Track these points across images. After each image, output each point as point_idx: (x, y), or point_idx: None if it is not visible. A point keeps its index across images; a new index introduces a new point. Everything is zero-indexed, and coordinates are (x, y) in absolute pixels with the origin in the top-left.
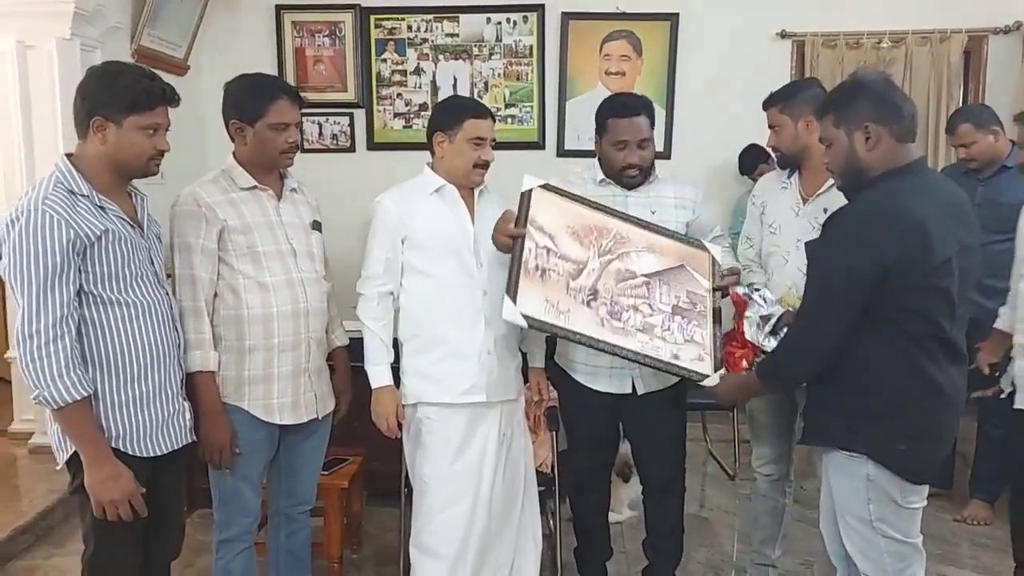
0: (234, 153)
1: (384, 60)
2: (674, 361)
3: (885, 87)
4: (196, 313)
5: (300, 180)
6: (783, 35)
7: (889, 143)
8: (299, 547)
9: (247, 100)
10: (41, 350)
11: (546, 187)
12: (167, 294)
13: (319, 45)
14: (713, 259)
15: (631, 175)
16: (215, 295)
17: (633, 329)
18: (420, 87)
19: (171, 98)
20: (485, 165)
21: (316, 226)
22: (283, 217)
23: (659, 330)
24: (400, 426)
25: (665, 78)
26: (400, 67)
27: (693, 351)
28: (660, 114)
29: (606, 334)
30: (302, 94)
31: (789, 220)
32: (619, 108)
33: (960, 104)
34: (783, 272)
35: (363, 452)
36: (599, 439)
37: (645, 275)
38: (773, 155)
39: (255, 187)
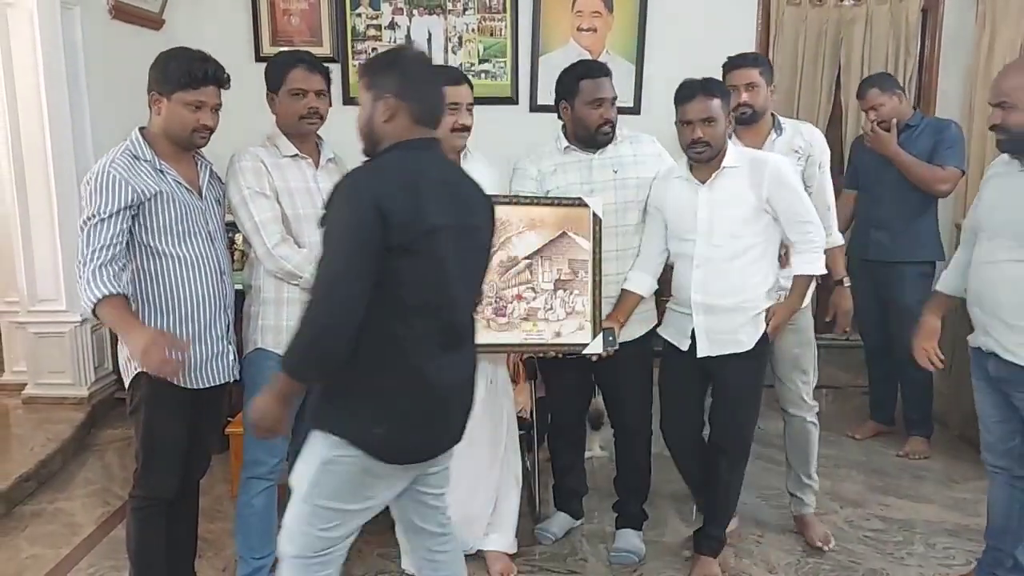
0: (277, 123)
1: (359, 14)
2: (555, 341)
3: (421, 68)
4: (289, 242)
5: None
6: None
7: (405, 121)
8: None
9: (271, 70)
10: (81, 269)
11: None
12: (217, 251)
13: None
14: (593, 214)
15: (606, 131)
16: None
17: (518, 319)
18: (395, 42)
19: (215, 78)
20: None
21: None
22: (320, 184)
23: (542, 312)
24: None
25: (635, 34)
26: (375, 21)
27: (574, 323)
28: (630, 70)
29: (491, 335)
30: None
31: None
32: (591, 70)
33: (917, 61)
34: None
35: None
36: (574, 388)
37: (527, 257)
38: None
39: (296, 155)
